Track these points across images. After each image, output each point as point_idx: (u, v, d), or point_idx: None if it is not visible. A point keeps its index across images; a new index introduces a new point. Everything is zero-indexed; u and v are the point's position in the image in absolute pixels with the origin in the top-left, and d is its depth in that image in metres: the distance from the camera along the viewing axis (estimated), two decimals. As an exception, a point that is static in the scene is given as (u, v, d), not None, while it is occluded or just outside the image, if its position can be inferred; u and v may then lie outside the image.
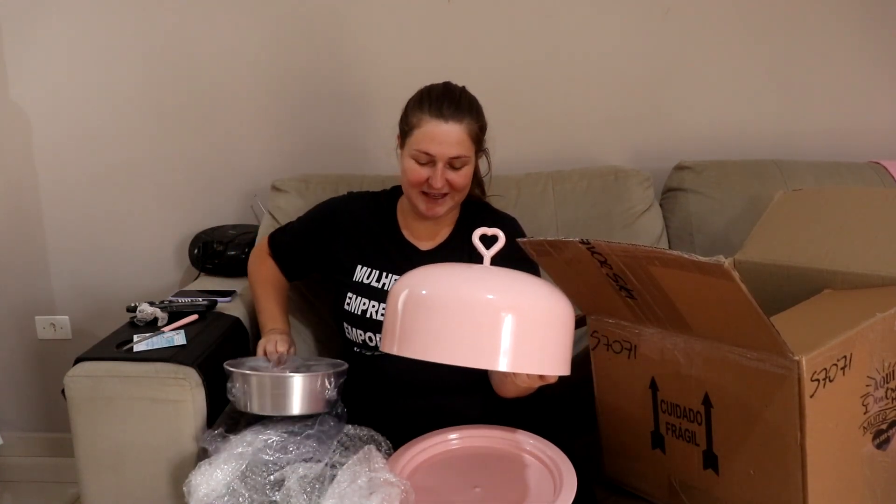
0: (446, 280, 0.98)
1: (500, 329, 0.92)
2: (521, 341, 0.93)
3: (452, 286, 0.96)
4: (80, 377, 1.36)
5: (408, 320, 0.96)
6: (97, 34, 2.03)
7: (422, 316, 0.94)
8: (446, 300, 0.94)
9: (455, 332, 0.92)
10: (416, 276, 1.00)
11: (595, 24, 1.95)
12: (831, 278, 1.27)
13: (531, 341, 0.95)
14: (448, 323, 0.93)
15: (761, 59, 1.95)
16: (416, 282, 0.98)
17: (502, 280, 0.99)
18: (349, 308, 1.41)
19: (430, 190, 1.36)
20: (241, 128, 2.06)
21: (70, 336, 2.22)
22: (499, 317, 0.92)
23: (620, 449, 1.31)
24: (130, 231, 2.14)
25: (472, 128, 1.36)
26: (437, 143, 1.32)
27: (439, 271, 1.01)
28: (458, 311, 0.93)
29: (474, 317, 0.93)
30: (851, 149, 1.95)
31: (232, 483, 1.17)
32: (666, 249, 1.03)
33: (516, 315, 0.93)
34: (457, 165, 1.35)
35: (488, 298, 0.94)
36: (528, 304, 0.96)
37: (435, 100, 1.34)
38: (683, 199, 1.82)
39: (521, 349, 0.93)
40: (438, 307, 0.93)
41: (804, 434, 1.00)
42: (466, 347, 0.92)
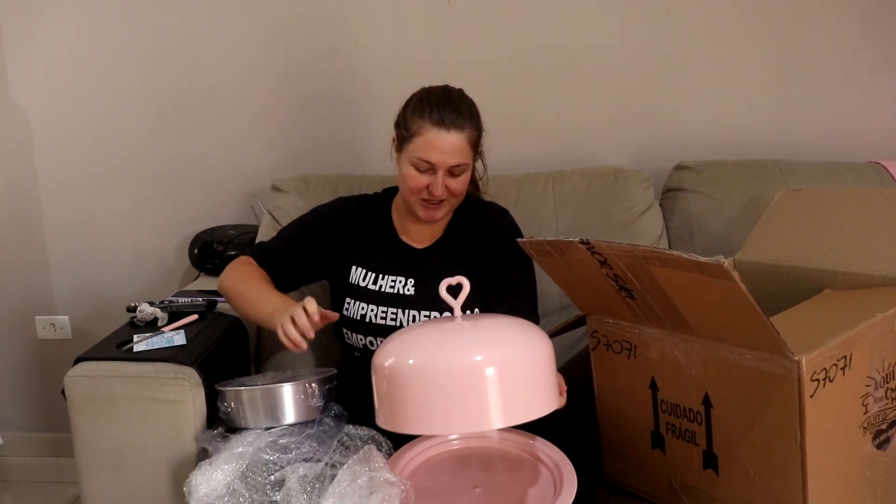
0: (424, 347, 1.01)
1: (486, 394, 0.95)
2: (510, 398, 0.96)
3: (432, 354, 0.99)
4: (80, 377, 1.36)
5: (396, 397, 0.99)
6: (97, 34, 2.03)
7: (408, 392, 0.97)
8: (429, 372, 0.96)
9: (443, 405, 0.96)
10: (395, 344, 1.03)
11: (595, 24, 1.95)
12: (831, 278, 1.27)
13: (520, 394, 0.98)
14: (435, 397, 0.96)
15: (761, 58, 1.95)
16: (399, 351, 1.01)
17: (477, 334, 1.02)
18: (348, 313, 1.41)
19: (430, 197, 1.36)
20: (241, 128, 2.06)
21: (70, 336, 2.22)
22: (483, 381, 0.95)
23: (620, 449, 1.31)
24: (130, 231, 2.14)
25: (472, 135, 1.36)
26: (439, 153, 1.32)
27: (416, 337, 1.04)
28: (442, 384, 0.96)
29: (460, 387, 0.95)
30: (851, 149, 1.95)
31: (232, 483, 1.17)
32: (666, 249, 1.03)
33: (500, 373, 0.95)
34: (456, 173, 1.35)
35: (470, 362, 0.96)
36: (508, 357, 0.98)
37: (436, 106, 1.33)
38: (683, 199, 1.82)
39: (511, 405, 0.96)
40: (422, 382, 0.96)
41: (804, 434, 1.00)
42: (458, 418, 0.96)
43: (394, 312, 1.39)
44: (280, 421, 1.28)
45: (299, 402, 1.29)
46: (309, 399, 1.29)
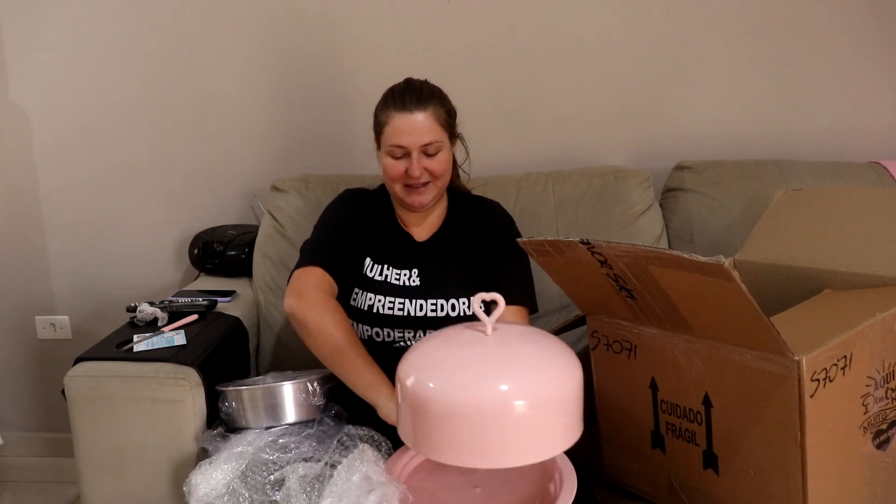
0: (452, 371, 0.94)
1: (513, 430, 0.90)
2: (535, 432, 0.92)
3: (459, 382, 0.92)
4: (80, 377, 1.36)
5: (418, 420, 0.94)
6: (97, 34, 2.03)
7: (430, 418, 0.93)
8: (456, 403, 0.91)
9: (469, 437, 0.91)
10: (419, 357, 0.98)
11: (595, 24, 1.95)
12: (831, 278, 1.27)
13: (546, 428, 0.94)
14: (458, 429, 0.91)
15: (761, 58, 1.95)
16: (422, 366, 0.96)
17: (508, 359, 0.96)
18: (355, 304, 1.42)
19: (411, 181, 1.38)
20: (241, 128, 2.06)
21: (70, 336, 2.22)
22: (512, 417, 0.90)
23: (620, 449, 1.31)
24: (130, 231, 2.14)
25: (438, 113, 1.38)
26: (408, 134, 1.35)
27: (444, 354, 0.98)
28: (470, 416, 0.90)
29: (488, 421, 0.90)
30: (851, 149, 1.95)
31: (232, 483, 1.17)
32: (666, 249, 1.03)
33: (529, 407, 0.90)
34: (431, 152, 1.37)
35: (498, 394, 0.90)
36: (539, 390, 0.92)
37: (398, 94, 1.38)
38: (683, 199, 1.82)
39: (536, 438, 0.92)
40: (448, 412, 0.91)
41: (804, 434, 1.00)
42: (483, 452, 0.91)
43: (401, 302, 1.39)
44: (281, 420, 1.28)
45: (300, 401, 1.29)
46: (310, 398, 1.29)
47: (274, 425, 1.28)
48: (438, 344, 1.01)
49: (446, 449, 0.92)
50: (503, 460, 0.92)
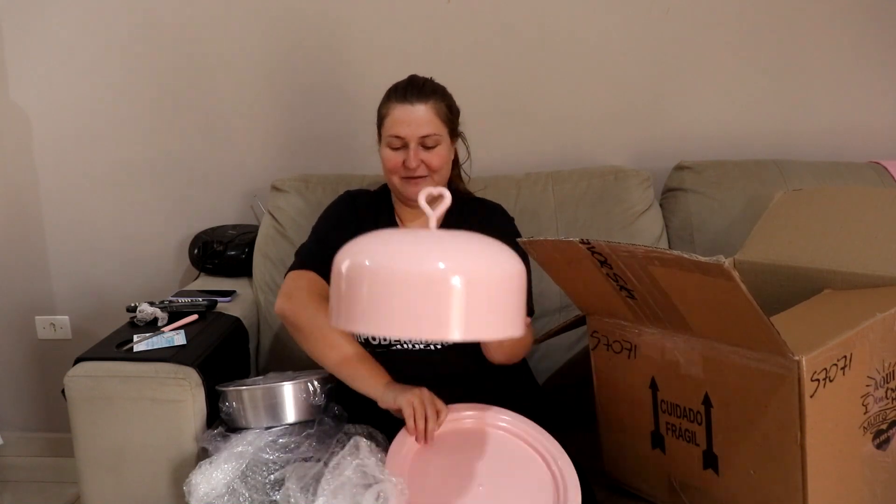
0: (389, 248, 0.93)
1: (450, 300, 0.87)
2: (473, 310, 0.88)
3: (395, 255, 0.91)
4: (80, 377, 1.36)
5: (353, 294, 0.91)
6: (97, 34, 2.03)
7: (365, 289, 0.89)
8: (391, 271, 0.88)
9: (402, 305, 0.88)
10: (358, 244, 0.96)
11: (595, 24, 1.95)
12: (831, 278, 1.27)
13: (484, 309, 0.90)
14: (394, 296, 0.88)
15: (761, 58, 1.95)
16: (359, 250, 0.94)
17: (448, 244, 0.94)
18: None
19: (408, 173, 1.39)
20: (241, 128, 2.06)
21: (70, 336, 2.22)
22: (448, 287, 0.87)
23: (620, 449, 1.31)
24: (130, 231, 2.14)
25: (439, 107, 1.39)
26: (406, 125, 1.36)
27: (382, 238, 0.97)
28: (403, 284, 0.88)
29: (421, 288, 0.87)
30: (851, 149, 1.95)
31: (232, 482, 1.17)
32: (666, 249, 1.03)
33: (466, 283, 0.88)
34: (429, 144, 1.38)
35: (435, 268, 0.88)
36: (478, 269, 0.90)
37: (401, 89, 1.40)
38: (683, 199, 1.82)
39: (473, 318, 0.89)
40: (382, 280, 0.88)
41: (804, 434, 1.00)
42: (415, 321, 0.87)
43: None
44: (281, 420, 1.28)
45: (300, 400, 1.29)
46: (310, 398, 1.29)
47: (274, 425, 1.28)
48: (378, 235, 0.99)
49: (381, 320, 0.88)
50: (436, 333, 0.89)
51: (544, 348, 1.67)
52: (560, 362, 1.70)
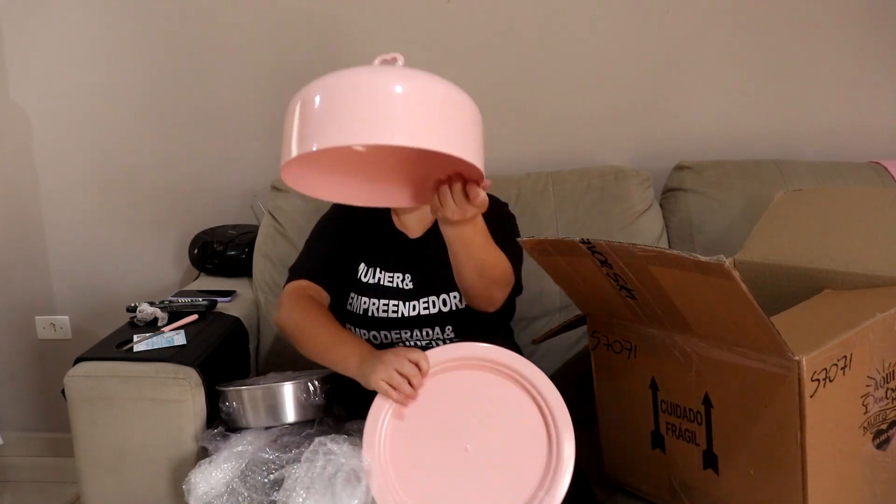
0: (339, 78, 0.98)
1: (393, 102, 0.92)
2: (416, 115, 0.93)
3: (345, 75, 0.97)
4: (80, 377, 1.36)
5: (304, 117, 0.97)
6: (97, 34, 2.03)
7: (315, 107, 0.95)
8: (339, 86, 0.95)
9: (348, 110, 0.92)
10: (310, 84, 1.00)
11: (595, 24, 1.95)
12: (831, 278, 1.27)
13: (428, 116, 0.95)
14: (341, 104, 0.93)
15: (761, 58, 1.95)
16: (310, 86, 0.99)
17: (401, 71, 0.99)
18: (351, 308, 1.42)
19: None
20: (241, 128, 2.06)
21: (70, 336, 2.22)
22: (392, 91, 0.93)
23: (620, 449, 1.31)
24: (130, 231, 2.14)
25: None
26: None
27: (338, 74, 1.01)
28: (350, 92, 0.94)
29: (367, 94, 0.93)
30: (851, 149, 1.95)
31: (231, 482, 1.17)
32: (666, 249, 1.03)
33: (409, 90, 0.93)
34: None
35: (381, 77, 0.95)
36: (423, 83, 0.96)
37: None
38: (683, 199, 1.82)
39: (416, 123, 0.93)
40: (331, 94, 0.95)
41: (804, 434, 1.00)
42: (361, 123, 0.92)
43: (395, 304, 1.39)
44: (281, 420, 1.28)
45: (300, 400, 1.29)
46: (310, 397, 1.29)
47: (274, 425, 1.28)
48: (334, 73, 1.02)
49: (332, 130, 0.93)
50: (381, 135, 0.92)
51: (544, 348, 1.67)
52: (560, 362, 1.70)
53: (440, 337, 1.40)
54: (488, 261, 1.22)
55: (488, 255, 1.22)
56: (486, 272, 1.24)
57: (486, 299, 1.30)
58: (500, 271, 1.27)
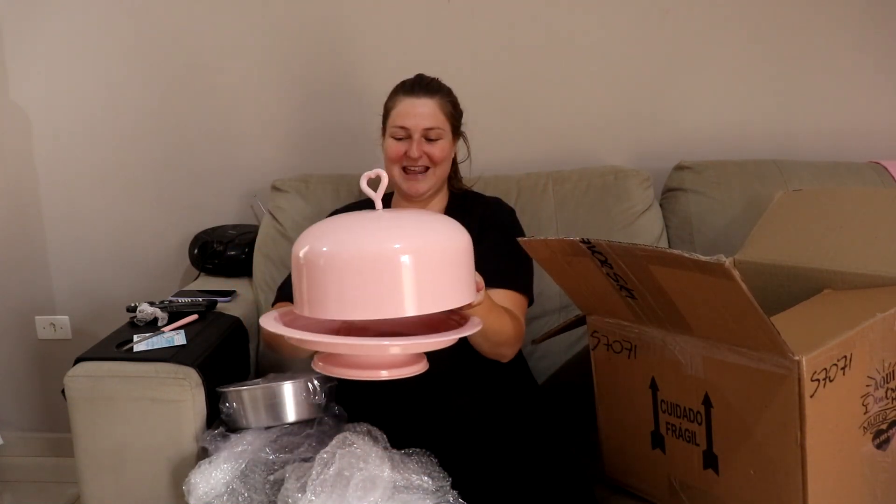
0: (343, 235, 1.01)
1: (401, 279, 0.95)
2: (424, 285, 0.96)
3: (349, 241, 0.99)
4: (80, 377, 1.36)
5: (313, 282, 0.99)
6: (97, 34, 2.03)
7: (325, 277, 0.97)
8: (346, 258, 0.96)
9: (359, 289, 0.95)
10: (313, 232, 1.03)
11: (595, 25, 1.95)
12: (831, 278, 1.27)
13: (435, 283, 0.98)
14: (350, 281, 0.96)
15: (761, 59, 1.95)
16: (315, 237, 1.01)
17: (396, 225, 1.02)
18: None
19: (410, 164, 1.42)
20: (241, 127, 2.06)
21: (70, 336, 2.22)
22: (398, 265, 0.95)
23: (620, 449, 1.31)
24: (130, 231, 2.14)
25: (444, 104, 1.44)
26: (412, 117, 1.41)
27: (335, 225, 1.04)
28: (358, 268, 0.96)
29: (375, 271, 0.95)
30: (851, 149, 1.95)
31: (231, 482, 1.18)
32: (666, 249, 1.03)
33: (415, 260, 0.96)
34: (432, 137, 1.42)
35: (387, 249, 0.96)
36: (424, 246, 0.98)
37: (408, 83, 1.46)
38: (683, 199, 1.82)
39: (425, 292, 0.97)
40: (339, 266, 0.96)
41: (804, 434, 1.00)
42: (373, 302, 0.96)
43: None
44: (281, 419, 1.28)
45: (300, 400, 1.29)
46: (310, 397, 1.29)
47: (274, 424, 1.28)
48: (329, 222, 1.06)
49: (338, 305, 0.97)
50: (393, 310, 0.96)
51: (544, 348, 1.67)
52: (560, 362, 1.70)
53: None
54: (492, 328, 1.25)
55: (491, 323, 1.24)
56: (490, 338, 1.28)
57: (495, 356, 1.35)
58: (504, 336, 1.31)
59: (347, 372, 1.03)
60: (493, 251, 1.43)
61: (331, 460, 1.12)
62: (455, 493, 1.13)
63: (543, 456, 1.25)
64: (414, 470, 1.15)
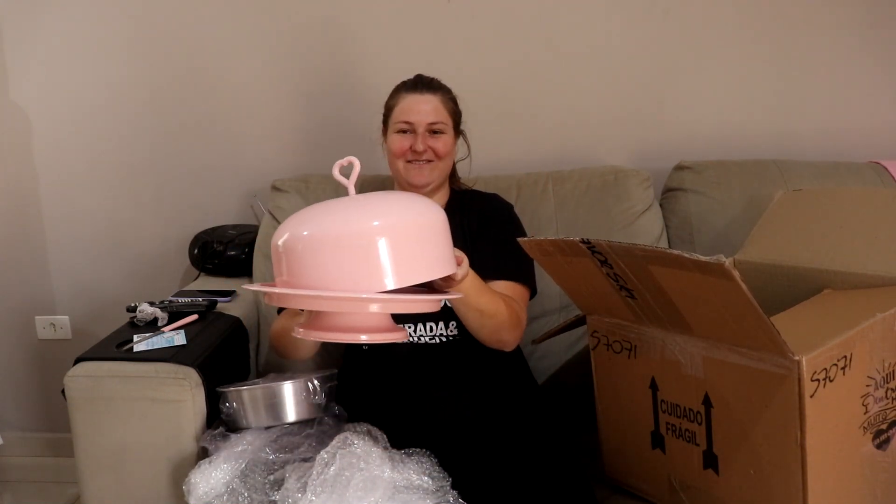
0: (319, 218, 1.04)
1: (377, 253, 0.98)
2: (400, 258, 0.99)
3: (325, 223, 1.02)
4: (80, 377, 1.36)
5: (294, 264, 1.01)
6: (97, 34, 2.03)
7: (306, 257, 1.00)
8: (323, 239, 1.00)
9: (339, 266, 0.98)
10: (288, 223, 1.06)
11: (595, 24, 1.95)
12: (831, 278, 1.27)
13: (410, 255, 1.01)
14: (330, 260, 0.99)
15: (761, 58, 1.95)
16: (293, 227, 1.04)
17: (369, 206, 1.05)
18: None
19: (414, 157, 1.44)
20: (241, 127, 2.06)
21: (70, 336, 2.22)
22: (373, 241, 0.98)
23: (620, 449, 1.31)
24: (130, 231, 2.14)
25: (445, 100, 1.47)
26: (416, 112, 1.44)
27: (309, 212, 1.07)
28: (336, 247, 0.99)
29: (352, 249, 0.99)
30: (851, 149, 1.95)
31: (231, 482, 1.18)
32: (666, 249, 1.03)
33: (389, 236, 0.99)
34: (436, 129, 1.44)
35: (360, 228, 1.00)
36: (397, 222, 1.01)
37: (410, 82, 1.50)
38: (683, 199, 1.82)
39: (402, 265, 0.99)
40: (318, 247, 1.00)
41: (804, 434, 1.00)
42: (352, 277, 0.98)
43: None
44: (282, 419, 1.28)
45: (300, 400, 1.29)
46: (310, 396, 1.29)
47: (275, 424, 1.28)
48: (306, 211, 1.09)
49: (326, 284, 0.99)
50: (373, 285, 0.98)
51: (544, 348, 1.67)
52: (560, 362, 1.70)
53: (443, 333, 1.40)
54: (488, 310, 1.27)
55: (485, 305, 1.27)
56: (485, 320, 1.29)
57: (496, 343, 1.35)
58: (501, 319, 1.31)
59: (327, 335, 1.04)
60: (492, 245, 1.43)
61: (331, 460, 1.12)
62: (455, 493, 1.13)
63: (543, 456, 1.25)
64: (414, 470, 1.15)
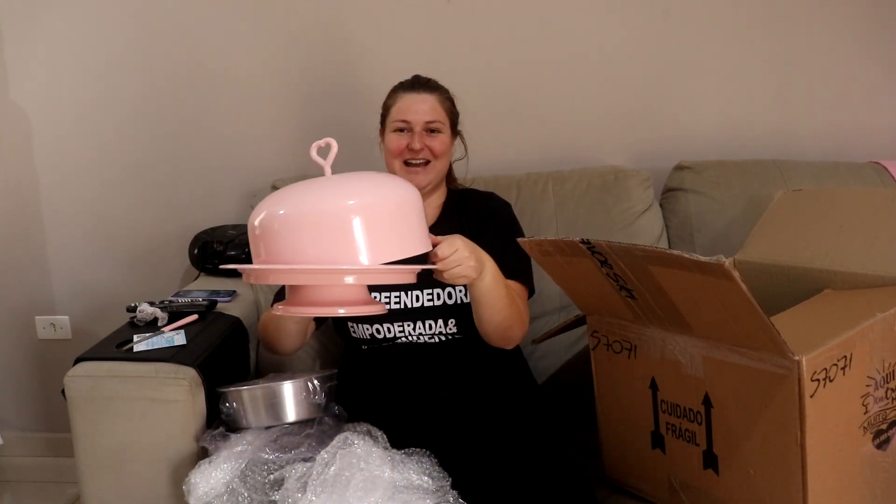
0: (295, 197, 1.06)
1: (351, 231, 1.00)
2: (375, 236, 1.02)
3: (301, 202, 1.05)
4: (80, 377, 1.36)
5: (271, 243, 1.03)
6: (97, 34, 2.03)
7: (282, 236, 1.02)
8: (299, 217, 1.02)
9: (315, 244, 1.01)
10: (265, 202, 1.08)
11: (595, 24, 1.95)
12: (831, 278, 1.27)
13: (384, 233, 1.04)
14: (306, 237, 1.01)
15: (761, 58, 1.95)
16: (270, 204, 1.06)
17: (344, 185, 1.07)
18: None
19: (411, 157, 1.44)
20: (241, 127, 2.06)
21: (70, 336, 2.22)
22: (348, 220, 1.01)
23: (620, 449, 1.31)
24: (130, 231, 2.14)
25: (443, 100, 1.48)
26: (413, 112, 1.44)
27: (288, 191, 1.10)
28: (312, 225, 1.01)
29: (328, 227, 1.01)
30: (851, 149, 1.95)
31: (231, 482, 1.17)
32: (666, 249, 1.03)
33: (363, 215, 1.01)
34: (433, 128, 1.44)
35: (335, 206, 1.02)
36: (372, 201, 1.04)
37: (407, 82, 1.51)
38: (683, 199, 1.82)
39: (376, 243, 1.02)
40: (294, 226, 1.02)
41: (804, 434, 1.00)
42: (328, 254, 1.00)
43: (397, 296, 1.40)
44: (282, 419, 1.28)
45: (300, 399, 1.29)
46: (310, 396, 1.29)
47: (275, 424, 1.28)
48: (282, 191, 1.11)
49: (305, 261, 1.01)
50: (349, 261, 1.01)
51: (544, 348, 1.67)
52: (560, 362, 1.70)
53: (443, 331, 1.40)
54: (507, 301, 1.29)
55: (505, 296, 1.28)
56: (504, 312, 1.30)
57: (504, 339, 1.36)
58: (515, 310, 1.32)
59: (306, 310, 1.06)
60: (491, 244, 1.43)
61: (331, 460, 1.12)
62: (455, 493, 1.13)
63: (543, 456, 1.25)
64: (414, 470, 1.15)
